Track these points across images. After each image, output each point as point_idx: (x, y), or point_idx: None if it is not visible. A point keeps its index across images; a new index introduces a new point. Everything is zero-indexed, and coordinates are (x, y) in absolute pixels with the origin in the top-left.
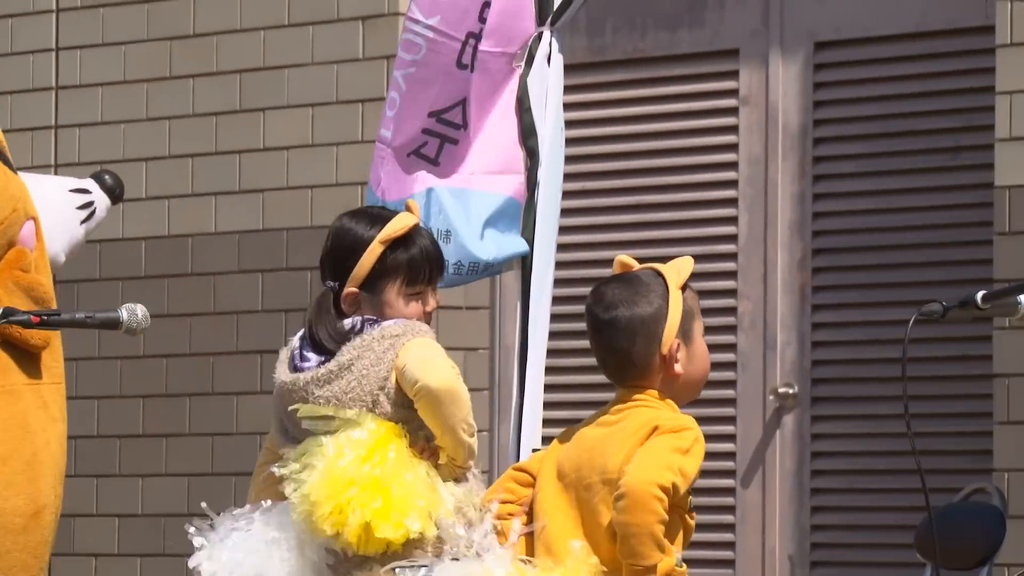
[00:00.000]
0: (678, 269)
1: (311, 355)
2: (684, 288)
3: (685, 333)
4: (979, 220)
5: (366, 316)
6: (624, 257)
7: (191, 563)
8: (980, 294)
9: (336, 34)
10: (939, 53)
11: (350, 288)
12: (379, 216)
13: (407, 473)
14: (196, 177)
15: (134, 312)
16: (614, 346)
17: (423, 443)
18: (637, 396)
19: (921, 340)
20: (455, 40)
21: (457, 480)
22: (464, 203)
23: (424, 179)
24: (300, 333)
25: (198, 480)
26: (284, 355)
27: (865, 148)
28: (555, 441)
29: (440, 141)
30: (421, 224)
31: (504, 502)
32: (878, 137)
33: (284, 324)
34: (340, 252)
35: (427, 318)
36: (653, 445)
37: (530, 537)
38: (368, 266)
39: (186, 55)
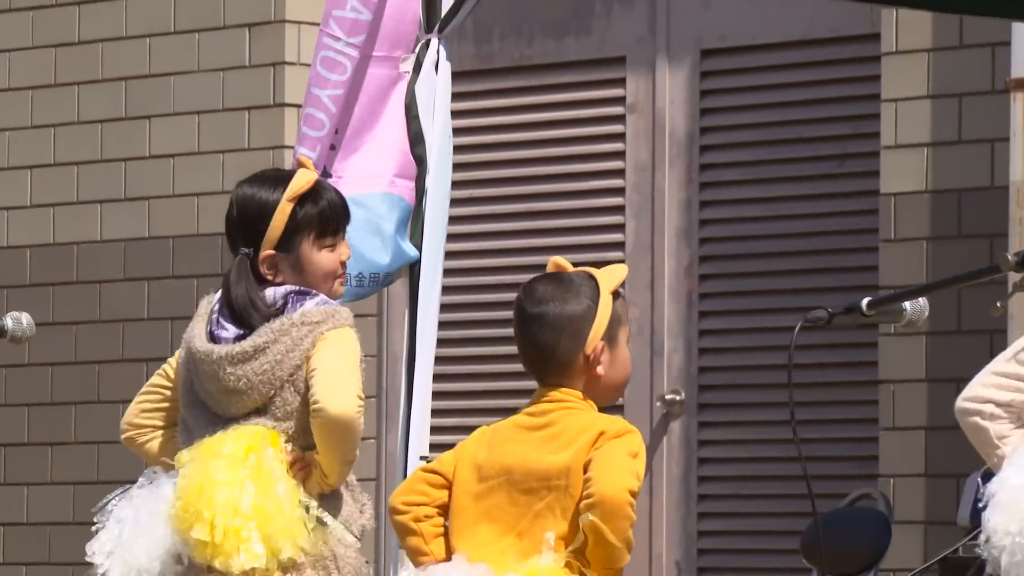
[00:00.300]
0: (611, 274)
1: (229, 326)
2: (616, 294)
3: (611, 337)
4: (865, 227)
5: (290, 289)
6: (559, 259)
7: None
8: (866, 301)
9: (222, 41)
10: (825, 61)
11: (266, 251)
12: (278, 177)
13: (278, 485)
14: (81, 185)
15: (19, 320)
16: (539, 340)
17: (298, 453)
18: (560, 396)
19: (807, 346)
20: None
21: (323, 494)
22: (358, 211)
23: None
24: (218, 296)
25: (84, 488)
26: (202, 317)
27: (752, 155)
28: (466, 444)
29: (332, 152)
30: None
31: (418, 504)
32: (765, 144)
33: (170, 332)
34: (249, 219)
35: (342, 267)
36: (610, 452)
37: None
38: (280, 226)
39: (71, 62)
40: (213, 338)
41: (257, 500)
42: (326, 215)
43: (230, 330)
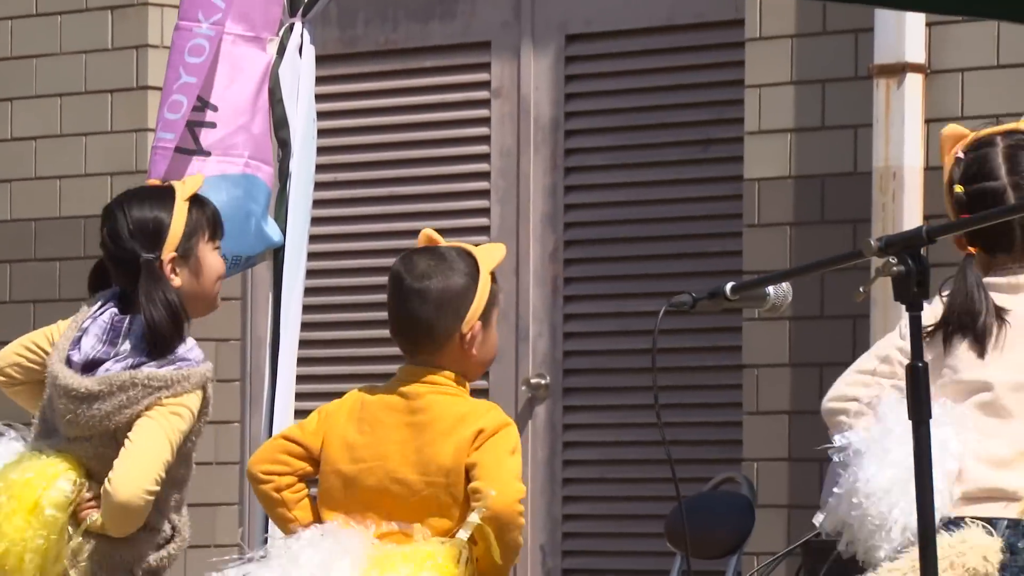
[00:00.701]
0: (491, 253)
1: (88, 347)
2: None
3: (486, 317)
4: (729, 212)
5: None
6: (431, 232)
7: None
8: (729, 285)
9: (85, 24)
10: (689, 47)
11: (169, 254)
12: (158, 188)
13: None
14: None
15: None
16: (418, 316)
17: (92, 494)
18: (434, 378)
19: (672, 331)
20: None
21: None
22: (221, 192)
23: (193, 170)
24: (94, 310)
25: None
26: (67, 333)
27: (616, 141)
28: (332, 415)
29: (199, 129)
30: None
31: (279, 474)
32: (629, 130)
33: (32, 315)
34: (148, 225)
35: (223, 266)
36: (495, 456)
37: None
38: (181, 227)
39: None
40: (68, 362)
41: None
42: (215, 215)
43: (80, 353)
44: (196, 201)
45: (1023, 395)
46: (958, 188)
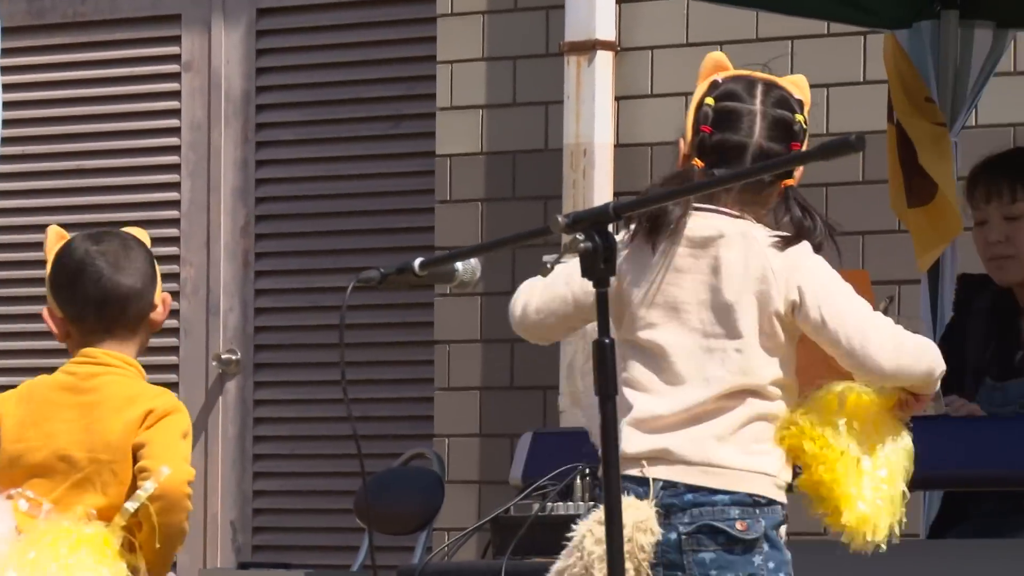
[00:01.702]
0: (144, 235)
1: None
2: None
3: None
4: (420, 188)
5: None
6: (59, 229)
7: None
8: (418, 261)
9: None
10: (381, 22)
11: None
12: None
13: None
14: None
15: None
16: (115, 295)
17: None
18: (108, 359)
19: (361, 307)
20: None
21: None
22: None
23: None
24: None
25: None
26: None
27: (307, 115)
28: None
29: None
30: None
31: None
32: (320, 105)
33: None
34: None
35: None
36: (164, 437)
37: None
38: None
39: None
40: None
41: None
42: None
43: None
44: None
45: None
46: (709, 100)
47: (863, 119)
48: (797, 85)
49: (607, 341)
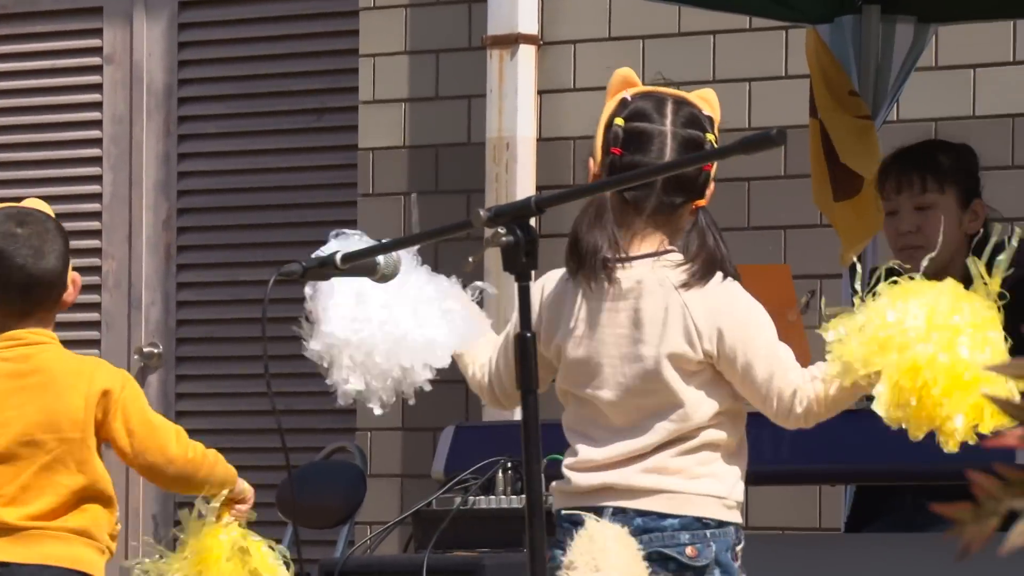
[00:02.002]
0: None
1: None
2: None
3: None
4: (343, 181)
5: None
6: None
7: None
8: (340, 254)
9: None
10: (304, 15)
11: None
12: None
13: None
14: None
15: None
16: (40, 274)
17: None
18: (35, 337)
19: (284, 300)
20: None
21: None
22: None
23: None
24: None
25: None
26: None
27: (230, 108)
28: None
29: None
30: None
31: None
32: (243, 98)
33: None
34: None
35: None
36: (136, 415)
37: None
38: None
39: None
40: None
41: None
42: None
43: None
44: None
45: None
46: (619, 120)
47: (785, 114)
48: (707, 101)
49: (528, 335)
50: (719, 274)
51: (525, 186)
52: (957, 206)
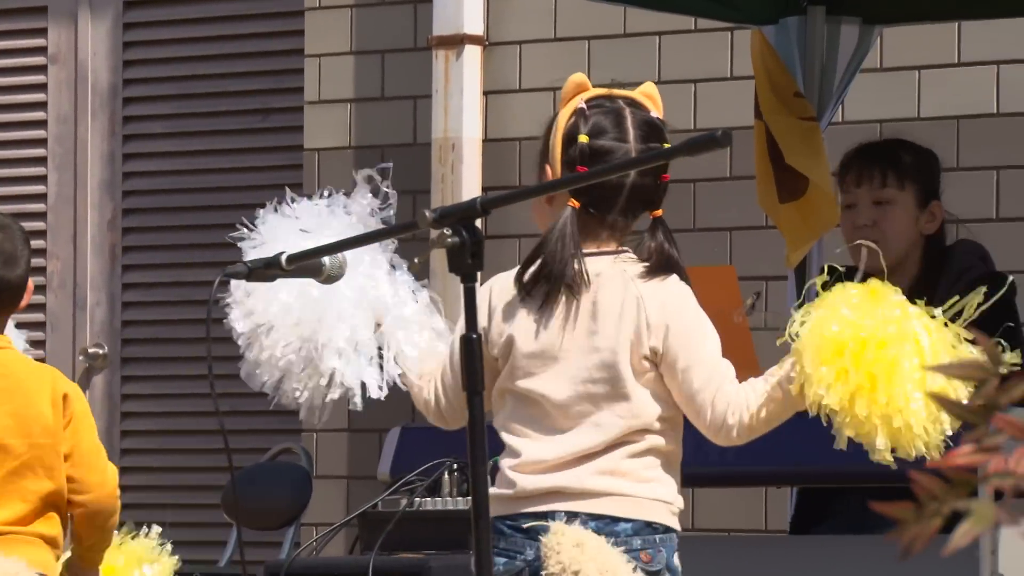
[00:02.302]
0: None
1: None
2: None
3: None
4: (288, 182)
5: None
6: None
7: None
8: (285, 255)
9: None
10: (249, 15)
11: None
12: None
13: None
14: None
15: None
16: (10, 278)
17: None
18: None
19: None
20: None
21: None
22: None
23: None
24: None
25: None
26: None
27: (175, 108)
28: None
29: None
30: None
31: None
32: (188, 98)
33: None
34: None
35: None
36: (87, 433)
37: None
38: None
39: None
40: None
41: None
42: None
43: None
44: None
45: None
46: (583, 138)
47: (730, 115)
48: (652, 99)
49: (474, 336)
50: (675, 276)
51: (471, 187)
52: (915, 205)
